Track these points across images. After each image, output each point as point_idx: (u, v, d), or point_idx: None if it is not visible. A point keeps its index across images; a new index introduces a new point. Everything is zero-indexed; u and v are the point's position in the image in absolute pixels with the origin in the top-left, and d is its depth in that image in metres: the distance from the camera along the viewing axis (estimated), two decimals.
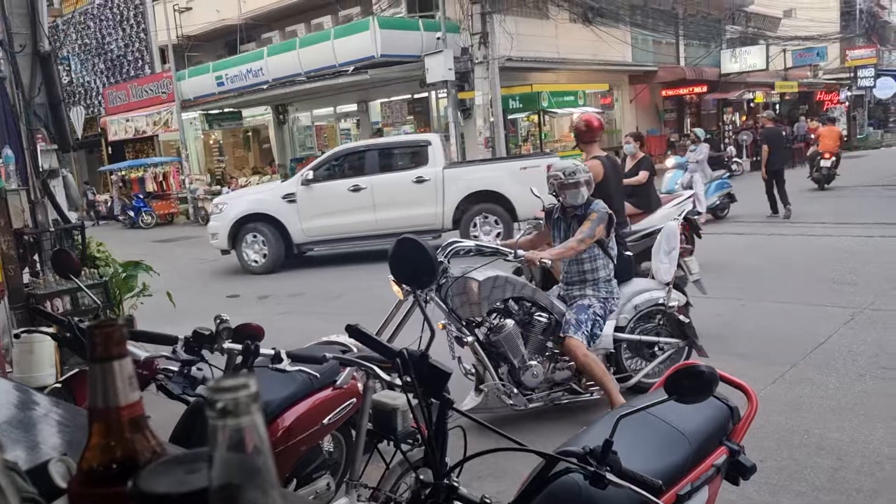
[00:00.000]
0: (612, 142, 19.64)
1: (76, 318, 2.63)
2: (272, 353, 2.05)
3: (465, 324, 3.81)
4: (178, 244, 15.00)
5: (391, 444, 2.23)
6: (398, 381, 1.73)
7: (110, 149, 23.93)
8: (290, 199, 9.92)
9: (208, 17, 20.62)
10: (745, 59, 23.87)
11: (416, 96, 18.79)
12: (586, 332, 3.83)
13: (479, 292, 3.80)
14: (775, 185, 11.29)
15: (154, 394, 2.36)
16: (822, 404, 3.97)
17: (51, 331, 2.72)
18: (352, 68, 16.33)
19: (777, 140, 11.76)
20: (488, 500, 1.52)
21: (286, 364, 2.04)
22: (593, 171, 4.28)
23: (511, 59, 16.22)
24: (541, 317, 3.95)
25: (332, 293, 8.17)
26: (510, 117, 17.75)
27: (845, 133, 23.14)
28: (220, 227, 10.24)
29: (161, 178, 21.00)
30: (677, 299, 4.31)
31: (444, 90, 16.07)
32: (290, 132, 23.17)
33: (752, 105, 26.16)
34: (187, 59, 21.45)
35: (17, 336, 2.85)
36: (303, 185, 9.90)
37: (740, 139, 21.20)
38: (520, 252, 3.82)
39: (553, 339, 3.97)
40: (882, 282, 6.50)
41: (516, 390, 3.85)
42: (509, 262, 4.04)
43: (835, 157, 14.51)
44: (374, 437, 2.35)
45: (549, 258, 3.78)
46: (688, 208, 6.96)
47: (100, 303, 3.28)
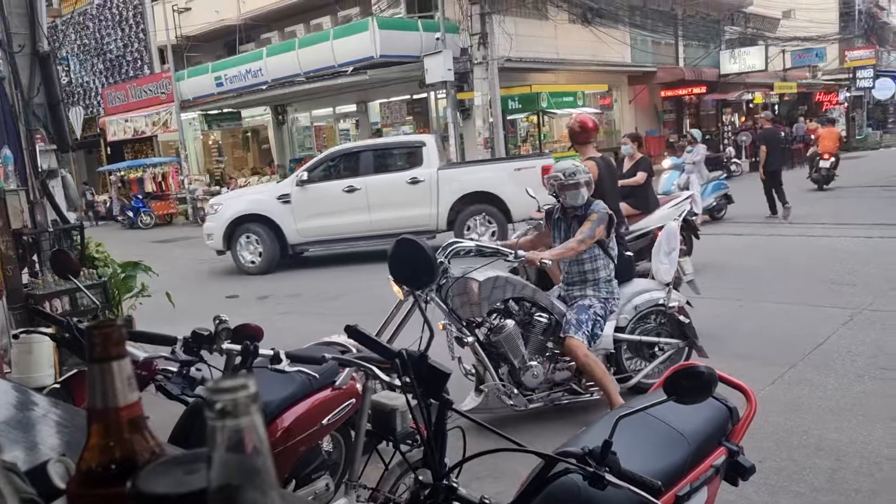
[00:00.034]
0: (612, 142, 19.66)
1: (75, 319, 2.63)
2: (271, 353, 2.04)
3: (465, 324, 3.81)
4: (176, 244, 14.99)
5: (390, 444, 2.23)
6: (397, 382, 1.73)
7: (109, 149, 23.91)
8: (284, 199, 9.92)
9: (207, 18, 20.63)
10: (744, 60, 23.90)
11: (415, 97, 18.79)
12: (587, 332, 3.84)
13: (479, 292, 3.81)
14: (773, 185, 11.32)
15: (153, 394, 2.35)
16: (820, 405, 3.97)
17: (50, 331, 2.72)
18: (351, 69, 16.34)
19: (775, 141, 11.79)
20: (487, 501, 1.52)
21: (285, 365, 2.03)
22: None
23: (510, 60, 16.23)
24: (541, 317, 3.95)
25: (330, 294, 8.16)
26: (509, 118, 17.77)
27: (844, 134, 23.16)
28: (215, 227, 10.24)
29: (160, 179, 21.00)
30: (677, 300, 4.32)
31: (444, 91, 16.06)
32: (289, 133, 23.17)
33: (751, 106, 26.22)
34: (186, 60, 21.46)
35: (15, 336, 2.85)
36: (297, 185, 9.90)
37: (739, 140, 21.23)
38: (520, 252, 3.82)
39: (553, 339, 3.97)
40: (881, 282, 6.51)
41: (516, 391, 3.85)
42: (509, 262, 4.04)
43: (834, 158, 14.55)
44: (374, 438, 2.36)
45: (549, 258, 3.79)
46: (687, 209, 6.96)
47: (99, 303, 3.28)
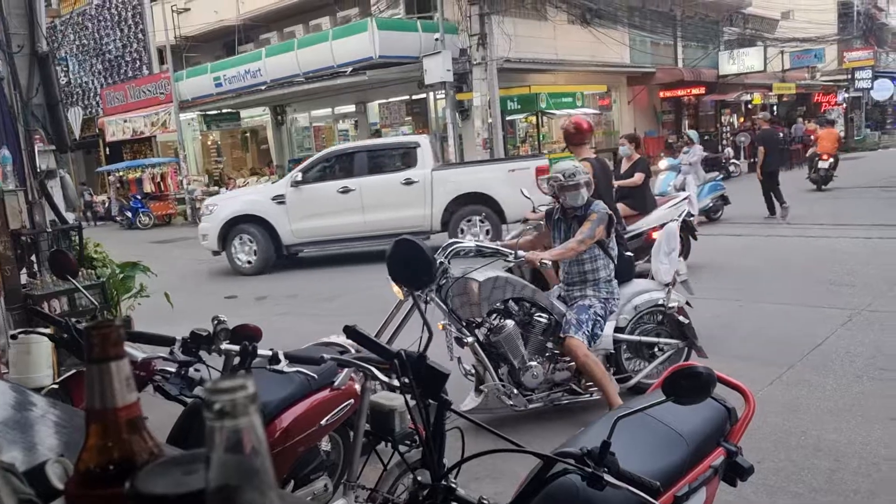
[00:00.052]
0: (611, 143, 19.67)
1: (73, 319, 2.63)
2: (270, 354, 2.04)
3: (465, 324, 3.82)
4: (175, 245, 14.97)
5: (389, 445, 2.22)
6: (396, 383, 1.72)
7: (108, 149, 23.88)
8: (279, 200, 9.92)
9: (206, 18, 20.62)
10: (742, 61, 23.93)
11: (414, 97, 18.78)
12: (587, 332, 3.84)
13: (479, 293, 3.81)
14: (770, 186, 11.33)
15: (151, 395, 2.35)
16: (819, 405, 3.98)
17: (48, 332, 2.71)
18: (350, 69, 16.33)
19: (773, 142, 11.81)
20: (486, 502, 1.52)
21: (284, 365, 2.03)
22: None
23: (509, 61, 16.23)
24: (541, 317, 3.96)
25: (328, 294, 8.16)
26: (508, 118, 17.77)
27: (843, 135, 23.20)
28: (210, 228, 10.25)
29: (159, 179, 21.00)
30: (677, 300, 4.32)
31: (443, 91, 16.05)
32: (288, 133, 23.16)
33: (749, 106, 26.25)
34: (185, 60, 21.44)
35: (14, 337, 2.84)
36: (292, 186, 9.90)
37: (738, 141, 21.26)
38: (520, 253, 3.83)
39: (553, 339, 3.97)
40: (880, 283, 6.51)
41: (516, 391, 3.85)
42: (509, 262, 4.04)
43: (833, 159, 14.59)
44: (372, 438, 2.35)
45: (549, 259, 3.79)
46: (685, 210, 6.97)
47: (97, 304, 3.27)
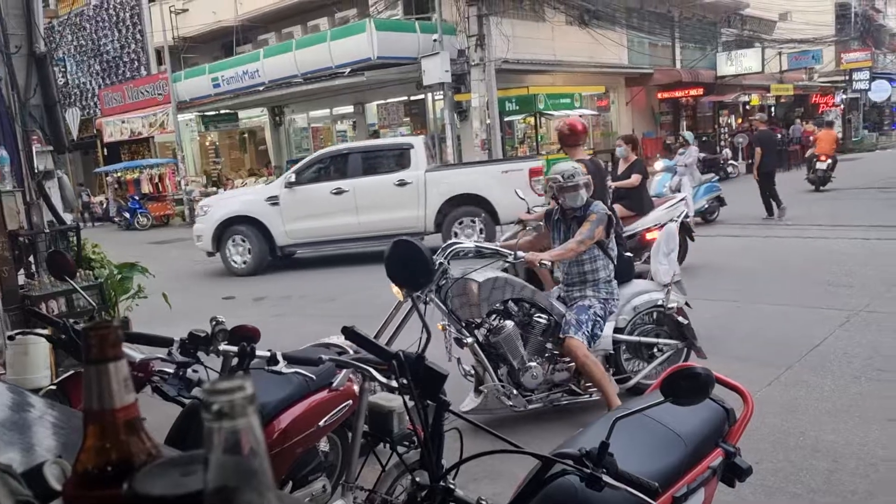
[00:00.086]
0: (608, 144, 19.68)
1: (71, 320, 2.62)
2: (268, 354, 2.04)
3: (464, 325, 3.81)
4: (173, 246, 14.96)
5: (387, 446, 2.22)
6: (394, 384, 1.72)
7: (106, 150, 23.88)
8: (273, 201, 9.92)
9: (204, 19, 20.62)
10: (740, 62, 23.98)
11: (412, 98, 18.80)
12: (587, 333, 3.84)
13: (478, 293, 3.81)
14: (767, 186, 11.34)
15: (149, 396, 2.35)
16: (817, 406, 3.98)
17: (46, 332, 2.70)
18: (348, 70, 16.34)
19: (770, 143, 11.83)
20: (484, 502, 1.52)
21: (282, 366, 2.03)
22: None
23: (507, 62, 16.26)
24: (540, 318, 3.95)
25: (326, 295, 8.15)
26: (506, 119, 17.80)
27: (840, 136, 23.24)
28: (204, 229, 10.26)
29: (157, 180, 20.98)
30: (676, 301, 4.32)
31: (441, 92, 16.07)
32: (286, 134, 23.16)
33: (747, 108, 26.29)
34: (183, 61, 21.43)
35: (11, 338, 2.83)
36: (286, 187, 9.91)
37: (736, 142, 21.30)
38: (520, 253, 3.82)
39: (552, 340, 3.97)
40: (877, 284, 6.52)
41: (516, 391, 3.85)
42: (509, 263, 4.04)
43: (831, 160, 14.62)
44: (371, 440, 2.35)
45: (548, 259, 3.80)
46: (683, 211, 6.98)
47: (95, 304, 3.27)
